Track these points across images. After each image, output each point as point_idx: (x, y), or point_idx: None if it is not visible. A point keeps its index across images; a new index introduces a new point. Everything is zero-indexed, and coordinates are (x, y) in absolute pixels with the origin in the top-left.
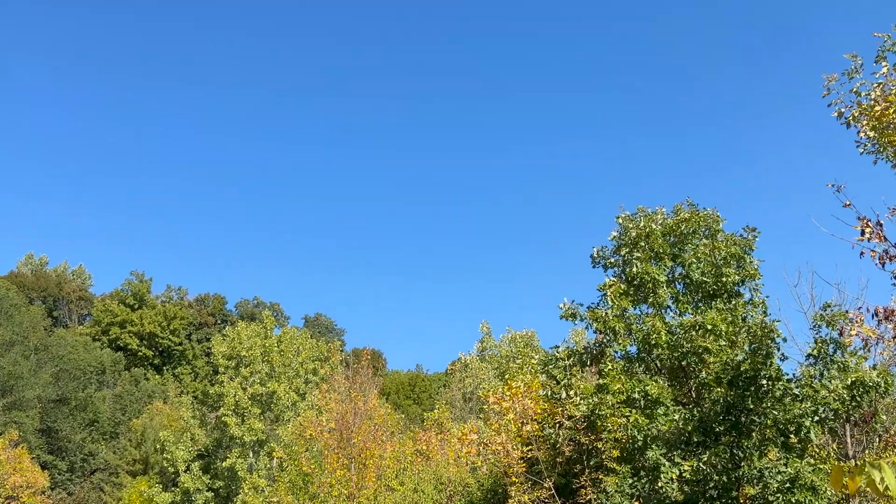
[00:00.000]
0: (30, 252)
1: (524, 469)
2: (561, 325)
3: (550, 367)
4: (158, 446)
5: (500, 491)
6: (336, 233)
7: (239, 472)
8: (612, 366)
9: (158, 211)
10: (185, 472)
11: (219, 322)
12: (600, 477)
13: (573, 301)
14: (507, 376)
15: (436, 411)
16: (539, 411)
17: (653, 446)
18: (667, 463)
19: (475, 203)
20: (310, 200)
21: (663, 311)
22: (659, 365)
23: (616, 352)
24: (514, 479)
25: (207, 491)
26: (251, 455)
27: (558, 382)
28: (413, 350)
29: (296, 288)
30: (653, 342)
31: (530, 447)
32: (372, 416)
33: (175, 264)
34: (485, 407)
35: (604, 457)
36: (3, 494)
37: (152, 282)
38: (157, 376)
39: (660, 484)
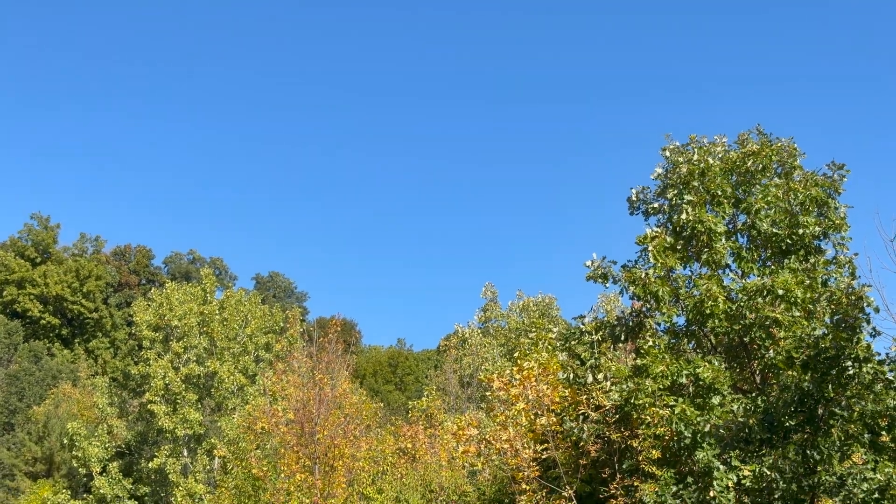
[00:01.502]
0: None
1: (537, 473)
2: (587, 290)
3: (573, 342)
4: (66, 441)
5: (506, 501)
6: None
7: (170, 475)
8: (654, 342)
9: (67, 143)
10: (101, 474)
11: (143, 282)
12: (635, 484)
13: (604, 258)
14: (516, 355)
15: (424, 399)
16: (558, 400)
17: (704, 445)
18: (721, 467)
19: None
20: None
21: (721, 271)
22: (714, 341)
23: (659, 324)
24: (524, 485)
25: (129, 499)
26: (185, 453)
27: (583, 363)
28: (395, 321)
29: (243, 243)
30: (707, 312)
31: (546, 445)
32: (342, 405)
33: (86, 209)
34: (488, 394)
35: (640, 458)
36: None
37: (60, 229)
38: (64, 351)
39: (712, 494)
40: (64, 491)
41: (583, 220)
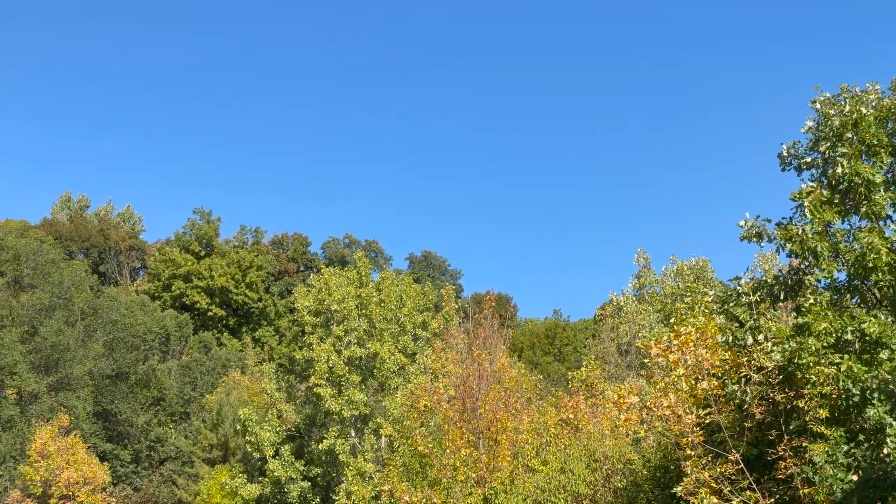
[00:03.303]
0: (66, 192)
1: (702, 438)
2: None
3: (730, 305)
4: (239, 427)
5: (671, 468)
6: (447, 156)
7: (340, 456)
8: (815, 299)
9: (221, 139)
10: (274, 457)
11: (302, 269)
12: (804, 444)
13: (758, 217)
14: (673, 320)
15: (583, 369)
16: (718, 363)
17: (874, 402)
18: (895, 423)
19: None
20: (411, 123)
21: (882, 223)
22: (879, 295)
23: (819, 280)
24: (689, 451)
25: (303, 480)
26: (353, 434)
27: (742, 325)
28: (550, 292)
29: (397, 224)
30: (869, 265)
31: (709, 410)
32: (501, 379)
33: (244, 201)
34: (646, 361)
35: (808, 418)
36: (57, 493)
37: (221, 222)
38: (232, 340)
39: (886, 451)
40: (240, 475)
41: (733, 179)
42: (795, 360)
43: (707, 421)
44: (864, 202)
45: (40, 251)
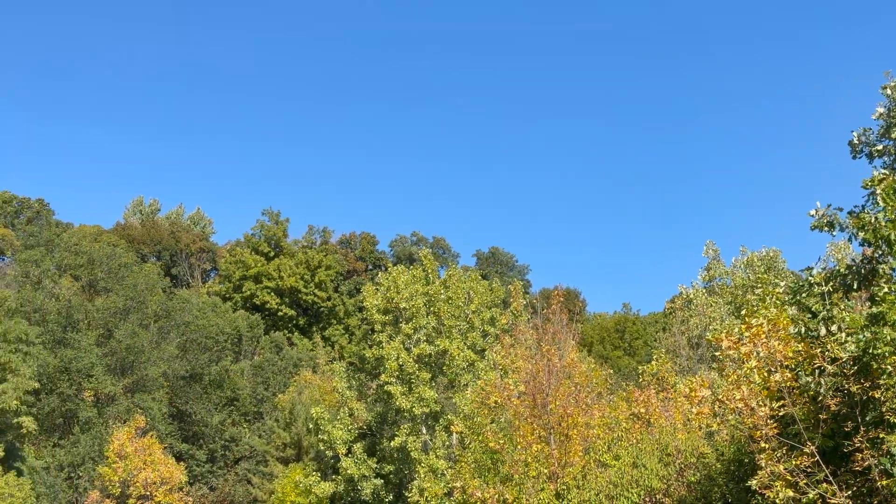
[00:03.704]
0: (138, 196)
1: (776, 431)
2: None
3: (802, 295)
4: (311, 426)
5: (745, 461)
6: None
7: (412, 453)
8: (889, 288)
9: (289, 139)
10: (347, 455)
11: (370, 268)
12: (881, 436)
13: (829, 206)
14: (744, 312)
15: (654, 363)
16: (791, 355)
17: None
18: None
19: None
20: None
21: None
22: None
23: (893, 269)
24: (763, 444)
25: (375, 477)
26: (424, 431)
27: (814, 315)
28: (619, 286)
29: (465, 220)
30: None
31: (782, 402)
32: (571, 374)
33: (311, 201)
34: (718, 354)
35: (884, 409)
36: (135, 493)
37: (289, 223)
38: (303, 340)
39: None
40: (314, 473)
41: (803, 168)
42: (870, 351)
43: (781, 413)
44: None
45: (114, 255)
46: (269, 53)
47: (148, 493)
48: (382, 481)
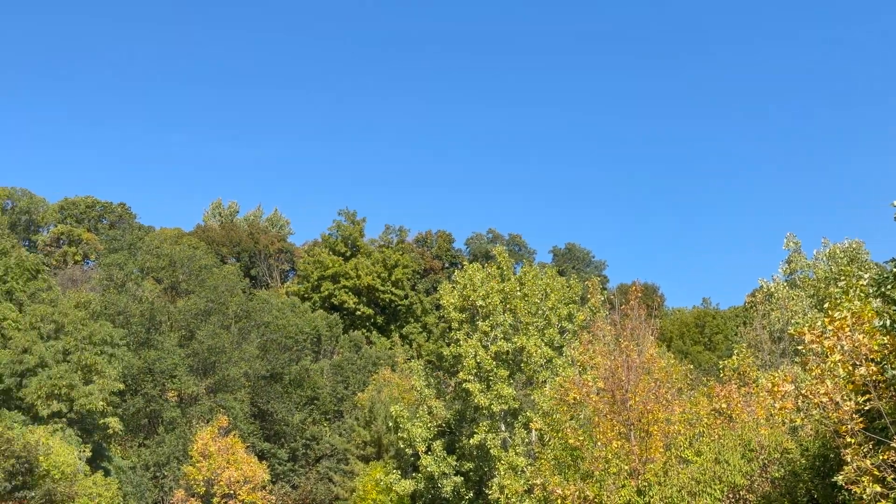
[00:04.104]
0: (217, 199)
1: (862, 425)
2: None
3: (887, 287)
4: (391, 424)
5: (831, 456)
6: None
7: (491, 450)
8: None
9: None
10: (426, 453)
11: (447, 266)
12: None
13: None
14: (827, 305)
15: (735, 357)
16: (876, 348)
17: None
18: None
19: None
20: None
21: None
22: None
23: None
24: (848, 438)
25: (455, 475)
26: (503, 428)
27: None
28: (697, 281)
29: (540, 217)
30: None
31: (868, 396)
32: (650, 370)
33: (386, 200)
34: (800, 348)
35: None
36: (219, 492)
37: (365, 223)
38: (381, 338)
39: None
40: (394, 471)
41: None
42: None
43: (867, 407)
44: None
45: (194, 257)
46: (343, 54)
47: (232, 492)
48: (462, 479)
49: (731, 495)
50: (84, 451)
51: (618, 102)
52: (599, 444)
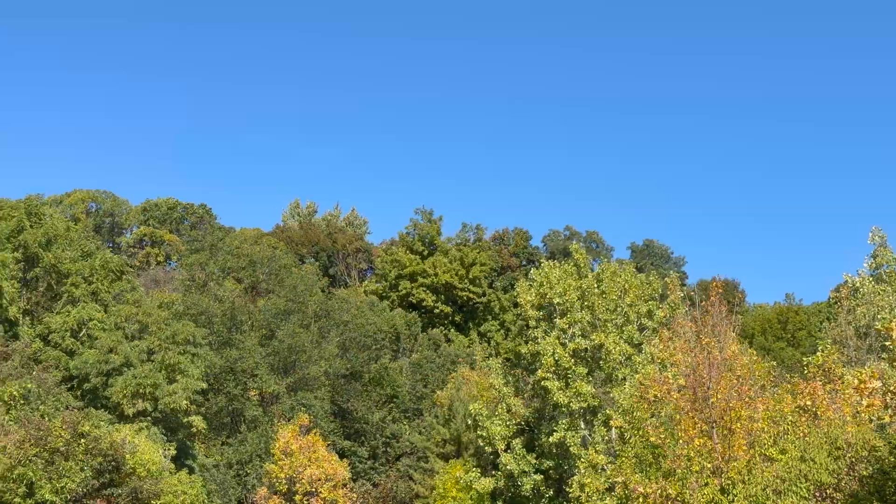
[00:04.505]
0: (295, 199)
1: None
2: None
3: None
4: (470, 422)
5: None
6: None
7: (571, 448)
8: None
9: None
10: (506, 451)
11: (524, 263)
12: None
13: None
14: None
15: (819, 354)
16: None
17: None
18: None
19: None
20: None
21: None
22: None
23: None
24: None
25: (535, 473)
26: (583, 425)
27: None
28: (780, 276)
29: (618, 214)
30: None
31: None
32: (732, 367)
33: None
34: (888, 344)
35: None
36: (301, 490)
37: (442, 221)
38: (459, 336)
39: None
40: (474, 469)
41: None
42: None
43: None
44: None
45: (274, 257)
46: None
47: (313, 490)
48: (542, 477)
49: (817, 494)
50: (169, 449)
51: (696, 102)
52: (681, 441)
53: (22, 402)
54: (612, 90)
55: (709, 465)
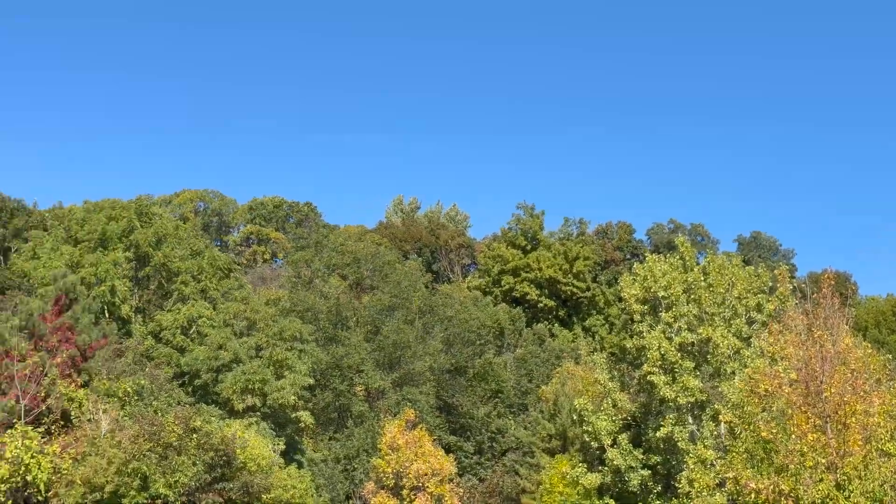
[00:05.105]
0: (398, 196)
1: None
2: None
3: None
4: (576, 417)
5: None
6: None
7: (679, 443)
8: None
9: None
10: (612, 446)
11: (628, 257)
12: None
13: None
14: None
15: None
16: None
17: None
18: None
19: None
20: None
21: None
22: None
23: None
24: None
25: (642, 468)
26: (691, 420)
27: None
28: (892, 268)
29: (724, 206)
30: None
31: None
32: (846, 360)
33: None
34: None
35: None
36: (408, 485)
37: (544, 216)
38: (563, 331)
39: None
40: (580, 465)
41: None
42: None
43: None
44: None
45: (378, 254)
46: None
47: (420, 484)
48: (649, 472)
49: None
50: (278, 444)
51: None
52: (794, 436)
53: (136, 398)
54: (718, 89)
55: (823, 461)
